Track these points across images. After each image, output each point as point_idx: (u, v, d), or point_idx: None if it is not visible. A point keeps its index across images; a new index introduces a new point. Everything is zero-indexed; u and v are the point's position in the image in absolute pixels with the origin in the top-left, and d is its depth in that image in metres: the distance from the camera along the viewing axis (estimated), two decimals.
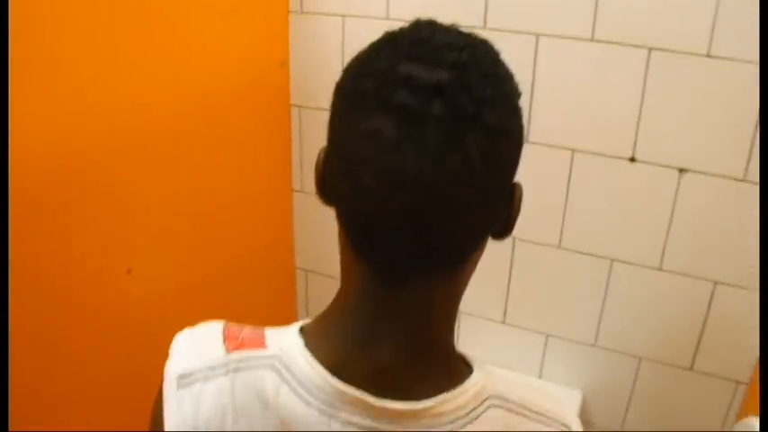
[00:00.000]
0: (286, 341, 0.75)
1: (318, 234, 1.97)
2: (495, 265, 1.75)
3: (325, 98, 1.96)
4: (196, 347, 0.79)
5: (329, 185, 0.71)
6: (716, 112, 1.46)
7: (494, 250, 0.79)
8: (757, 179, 1.46)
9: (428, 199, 0.61)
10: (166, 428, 0.74)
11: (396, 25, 0.68)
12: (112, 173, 1.32)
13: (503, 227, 0.72)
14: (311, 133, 1.87)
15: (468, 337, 1.78)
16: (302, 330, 0.75)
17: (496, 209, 0.70)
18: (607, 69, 1.51)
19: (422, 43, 0.64)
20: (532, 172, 0.73)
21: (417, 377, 0.72)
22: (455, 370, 0.75)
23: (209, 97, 1.54)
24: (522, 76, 0.70)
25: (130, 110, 1.33)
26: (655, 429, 1.78)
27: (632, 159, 1.55)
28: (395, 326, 0.70)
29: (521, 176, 0.72)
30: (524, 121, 0.70)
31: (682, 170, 1.52)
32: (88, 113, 1.24)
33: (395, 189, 0.61)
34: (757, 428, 0.87)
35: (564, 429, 0.78)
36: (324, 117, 1.99)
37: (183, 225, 1.54)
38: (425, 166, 0.60)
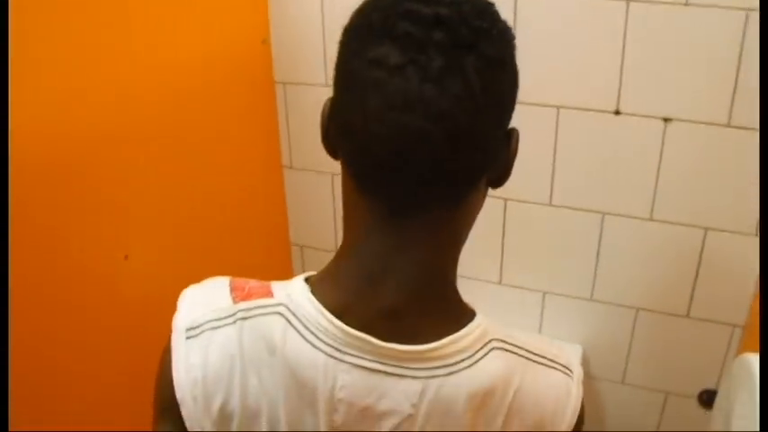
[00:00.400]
0: (292, 289, 0.77)
1: (311, 209, 1.98)
2: (488, 227, 1.76)
3: (309, 73, 1.97)
4: (203, 300, 0.81)
5: (334, 128, 0.73)
6: (696, 60, 1.47)
7: (486, 211, 0.81)
8: (742, 124, 1.48)
9: (431, 120, 0.64)
10: (175, 380, 0.76)
11: None
12: (105, 159, 1.32)
13: (501, 171, 0.75)
14: (297, 109, 1.87)
15: (466, 299, 1.79)
16: (308, 280, 0.77)
17: (495, 145, 0.72)
18: (587, 24, 1.51)
19: None
20: (520, 130, 0.75)
21: (422, 319, 0.74)
22: (458, 313, 0.78)
23: (194, 78, 1.54)
24: None
25: (118, 96, 1.33)
26: (655, 377, 1.81)
27: (617, 112, 1.55)
28: (400, 262, 0.72)
29: None
30: None
31: (666, 119, 1.53)
32: (80, 102, 1.25)
33: (400, 111, 0.64)
34: (755, 364, 0.89)
35: (566, 372, 0.80)
36: (308, 92, 1.99)
37: (177, 208, 1.54)
38: (428, 88, 0.63)
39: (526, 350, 0.79)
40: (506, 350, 0.77)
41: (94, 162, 1.30)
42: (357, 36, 0.69)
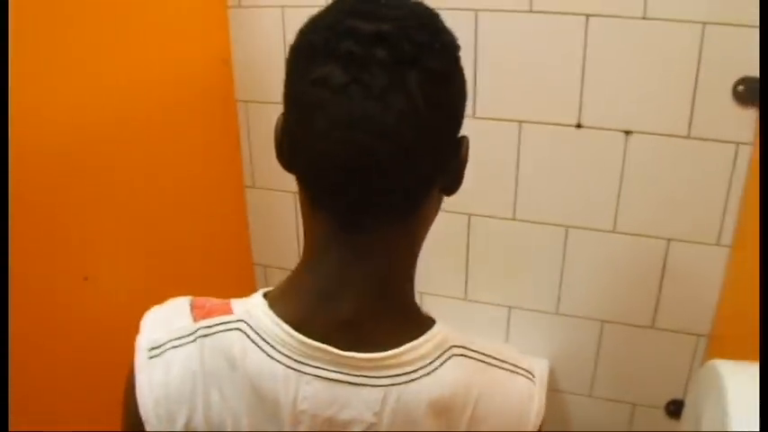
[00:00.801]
0: (251, 305, 0.77)
1: (273, 228, 1.97)
2: (452, 242, 1.76)
3: (271, 92, 1.96)
4: (165, 320, 0.81)
5: (286, 145, 0.75)
6: (655, 72, 1.49)
7: (450, 227, 0.82)
8: (702, 135, 1.50)
9: (376, 137, 0.65)
10: (138, 399, 0.76)
11: None
12: (63, 179, 1.31)
13: (452, 179, 0.76)
14: (259, 128, 1.86)
15: (431, 315, 1.78)
16: (266, 295, 0.78)
17: (443, 156, 0.73)
18: (547, 39, 1.53)
19: (365, 3, 0.69)
20: (482, 146, 0.76)
21: (380, 328, 0.75)
22: (417, 321, 0.78)
23: (154, 99, 1.53)
24: (463, 54, 0.73)
25: (78, 116, 1.32)
26: (622, 389, 1.82)
27: (578, 126, 1.57)
28: (355, 276, 0.73)
29: (471, 151, 0.76)
30: (469, 97, 0.74)
31: (627, 132, 1.55)
32: (42, 121, 1.23)
33: (345, 129, 0.65)
34: (722, 370, 0.90)
35: (528, 376, 0.81)
36: (270, 110, 1.98)
37: (138, 228, 1.53)
38: (372, 106, 0.64)
39: (487, 355, 0.79)
40: (467, 356, 0.78)
41: (52, 182, 1.28)
42: (301, 56, 0.71)
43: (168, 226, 1.63)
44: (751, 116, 1.45)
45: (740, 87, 1.44)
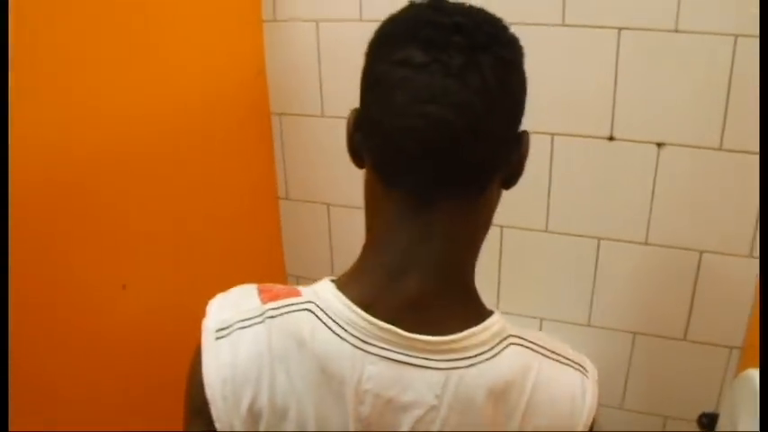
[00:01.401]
0: (319, 288, 0.80)
1: (307, 240, 1.99)
2: (485, 254, 1.74)
3: (305, 104, 1.98)
4: (232, 302, 0.83)
5: (362, 133, 0.80)
6: (687, 85, 1.50)
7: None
8: (734, 147, 1.50)
9: (454, 110, 0.70)
10: (205, 379, 0.78)
11: (370, 26, 0.78)
12: (104, 188, 1.33)
13: (513, 170, 0.81)
14: (293, 140, 1.88)
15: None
16: (334, 280, 0.81)
17: (509, 141, 0.79)
18: (580, 52, 1.54)
19: (438, 2, 0.76)
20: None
21: (444, 311, 0.77)
22: (477, 308, 0.81)
23: (189, 112, 1.55)
24: None
25: (118, 126, 1.34)
26: (654, 402, 1.81)
27: (611, 138, 1.58)
28: (422, 255, 0.77)
29: None
30: None
31: (660, 144, 1.55)
32: (80, 129, 1.26)
33: (425, 103, 0.70)
34: (757, 380, 0.90)
35: (582, 370, 0.84)
36: (304, 123, 2.01)
37: (175, 239, 1.55)
38: (450, 82, 0.70)
39: (543, 347, 0.82)
40: (524, 346, 0.80)
41: (93, 190, 1.31)
42: (383, 43, 0.76)
43: (203, 236, 1.65)
44: None
45: None
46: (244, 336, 0.79)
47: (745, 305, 1.61)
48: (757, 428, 0.83)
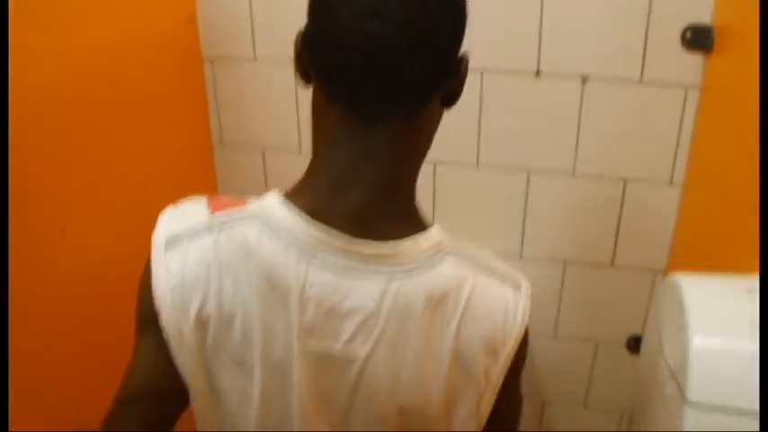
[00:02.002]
0: (266, 199, 0.82)
1: (242, 185, 1.99)
2: (418, 190, 1.79)
3: (237, 50, 1.97)
4: (181, 215, 0.86)
5: (309, 46, 0.82)
6: (609, 18, 1.55)
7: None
8: (653, 80, 1.57)
9: (395, 28, 0.74)
10: (154, 287, 0.81)
11: None
12: (36, 133, 1.32)
13: (453, 91, 0.84)
14: (225, 87, 1.88)
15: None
16: (281, 193, 0.83)
17: (449, 61, 0.81)
18: None
19: None
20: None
21: (385, 222, 0.81)
22: (418, 221, 0.85)
23: (121, 59, 1.54)
24: None
25: (51, 71, 1.33)
26: (585, 328, 1.89)
27: (537, 73, 1.62)
28: (366, 169, 0.80)
29: None
30: None
31: (584, 78, 1.61)
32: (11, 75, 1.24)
33: (367, 20, 0.74)
34: (682, 281, 0.95)
35: (516, 286, 0.89)
36: (237, 68, 1.99)
37: (110, 185, 1.55)
38: (392, 1, 0.73)
39: (479, 261, 0.87)
40: (461, 258, 0.85)
41: (28, 135, 1.29)
42: None
43: (138, 183, 1.65)
44: (698, 61, 1.53)
45: (688, 34, 1.51)
46: (192, 246, 0.81)
47: (667, 230, 1.69)
48: (683, 330, 0.89)
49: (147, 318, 0.83)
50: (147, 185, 1.68)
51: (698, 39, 1.51)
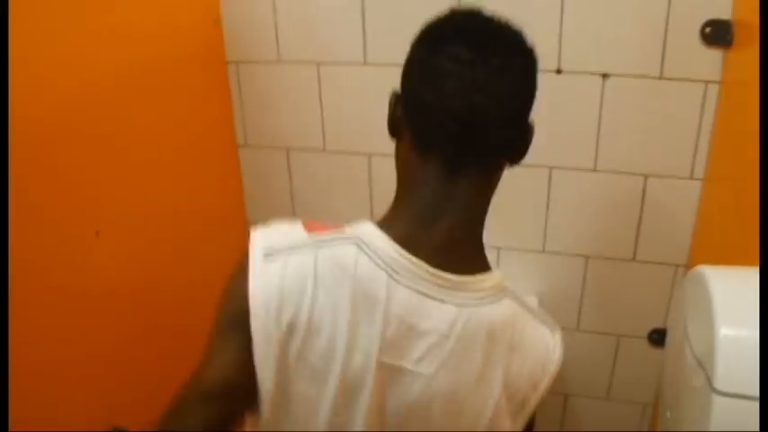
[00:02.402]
0: (362, 227, 0.92)
1: (265, 185, 2.03)
2: None
3: (261, 52, 2.00)
4: (279, 232, 0.94)
5: (409, 108, 0.95)
6: (628, 17, 1.57)
7: None
8: (673, 75, 1.59)
9: (490, 99, 0.88)
10: (251, 293, 0.87)
11: None
12: (67, 136, 1.35)
13: (520, 152, 0.99)
14: (249, 88, 1.91)
15: None
16: (373, 223, 0.93)
17: (522, 128, 0.97)
18: None
19: (475, 12, 0.95)
20: None
21: (460, 258, 0.92)
22: (484, 260, 0.97)
23: (146, 62, 1.57)
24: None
25: (80, 74, 1.36)
26: (608, 322, 1.91)
27: (558, 71, 1.65)
28: (449, 210, 0.92)
29: None
30: None
31: (605, 75, 1.63)
32: (44, 78, 1.27)
33: (469, 92, 0.87)
34: (706, 273, 0.97)
35: (553, 330, 1.02)
36: (260, 70, 2.02)
37: (139, 187, 1.58)
38: (491, 77, 0.88)
39: (529, 306, 1.00)
40: (514, 299, 0.97)
41: (60, 138, 1.32)
42: (432, 41, 0.93)
43: (165, 185, 1.68)
44: (717, 56, 1.55)
45: (707, 29, 1.53)
46: (292, 259, 0.89)
47: (688, 224, 1.71)
48: (707, 321, 0.90)
49: (235, 320, 0.89)
50: (175, 186, 1.72)
51: (717, 34, 1.53)
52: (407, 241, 0.90)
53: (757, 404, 0.83)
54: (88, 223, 1.43)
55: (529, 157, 1.73)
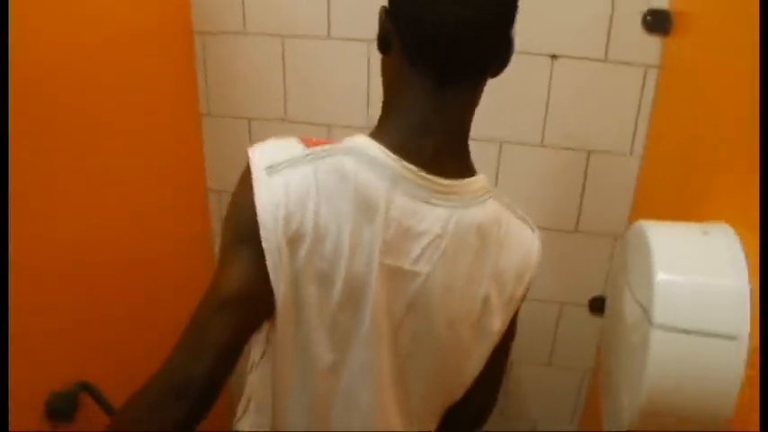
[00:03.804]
0: (355, 139, 0.99)
1: (227, 155, 2.07)
2: None
3: (227, 24, 2.03)
4: (277, 147, 1.00)
5: (400, 23, 0.99)
6: (578, 2, 1.68)
7: None
8: (616, 59, 1.70)
9: (476, 12, 0.93)
10: (258, 204, 0.93)
11: None
12: (31, 101, 1.33)
13: (502, 63, 1.03)
14: (214, 59, 1.95)
15: None
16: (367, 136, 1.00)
17: (505, 42, 1.01)
18: None
19: None
20: None
21: (450, 165, 1.00)
22: (470, 166, 1.06)
23: (114, 29, 1.58)
24: None
25: (45, 45, 1.37)
26: (551, 290, 2.01)
27: None
28: (440, 120, 0.99)
29: None
30: None
31: (553, 56, 1.74)
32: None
33: (459, 6, 0.92)
34: (646, 225, 1.08)
35: (533, 229, 1.14)
36: (225, 41, 2.04)
37: (98, 154, 1.59)
38: None
39: (510, 205, 1.10)
40: (499, 200, 1.07)
41: (22, 108, 1.29)
42: None
43: (127, 150, 1.69)
44: (657, 43, 1.67)
45: (648, 18, 1.65)
46: (294, 171, 0.95)
47: (627, 197, 1.82)
48: (648, 272, 1.01)
49: (244, 233, 0.95)
50: (138, 152, 1.74)
51: (657, 22, 1.65)
52: (402, 150, 0.97)
53: (689, 337, 0.95)
54: (47, 187, 1.42)
55: (481, 132, 1.83)
